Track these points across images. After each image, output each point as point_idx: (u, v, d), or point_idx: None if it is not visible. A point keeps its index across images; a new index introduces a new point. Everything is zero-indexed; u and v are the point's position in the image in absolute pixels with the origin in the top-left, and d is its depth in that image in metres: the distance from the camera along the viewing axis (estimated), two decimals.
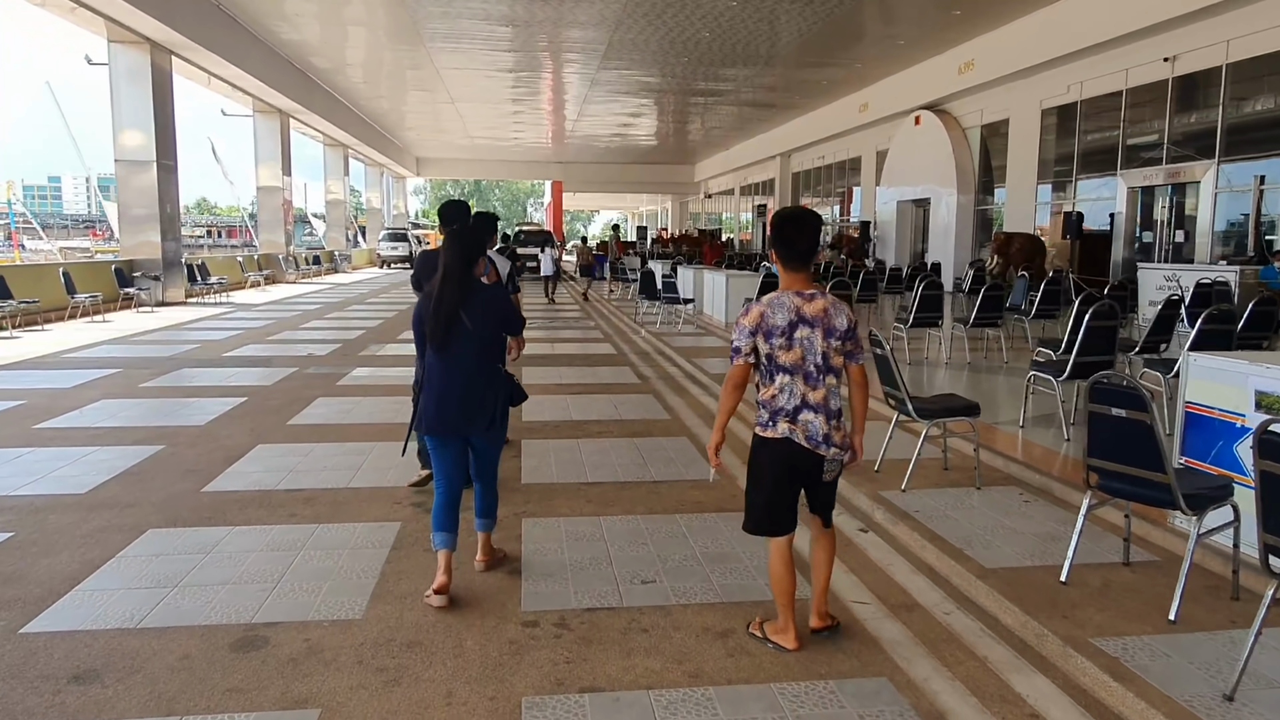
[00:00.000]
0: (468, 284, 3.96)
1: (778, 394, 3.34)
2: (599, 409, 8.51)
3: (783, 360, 3.32)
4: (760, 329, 3.34)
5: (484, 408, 3.99)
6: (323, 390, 9.31)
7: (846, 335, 3.38)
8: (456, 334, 3.91)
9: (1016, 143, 21.13)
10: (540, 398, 8.91)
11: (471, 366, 3.96)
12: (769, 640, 3.58)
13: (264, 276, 25.56)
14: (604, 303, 21.31)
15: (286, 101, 26.07)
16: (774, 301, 3.36)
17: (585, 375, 10.46)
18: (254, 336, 13.84)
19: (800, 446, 3.34)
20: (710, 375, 10.23)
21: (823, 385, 3.35)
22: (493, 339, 4.09)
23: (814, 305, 3.35)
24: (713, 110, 31.30)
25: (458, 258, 3.95)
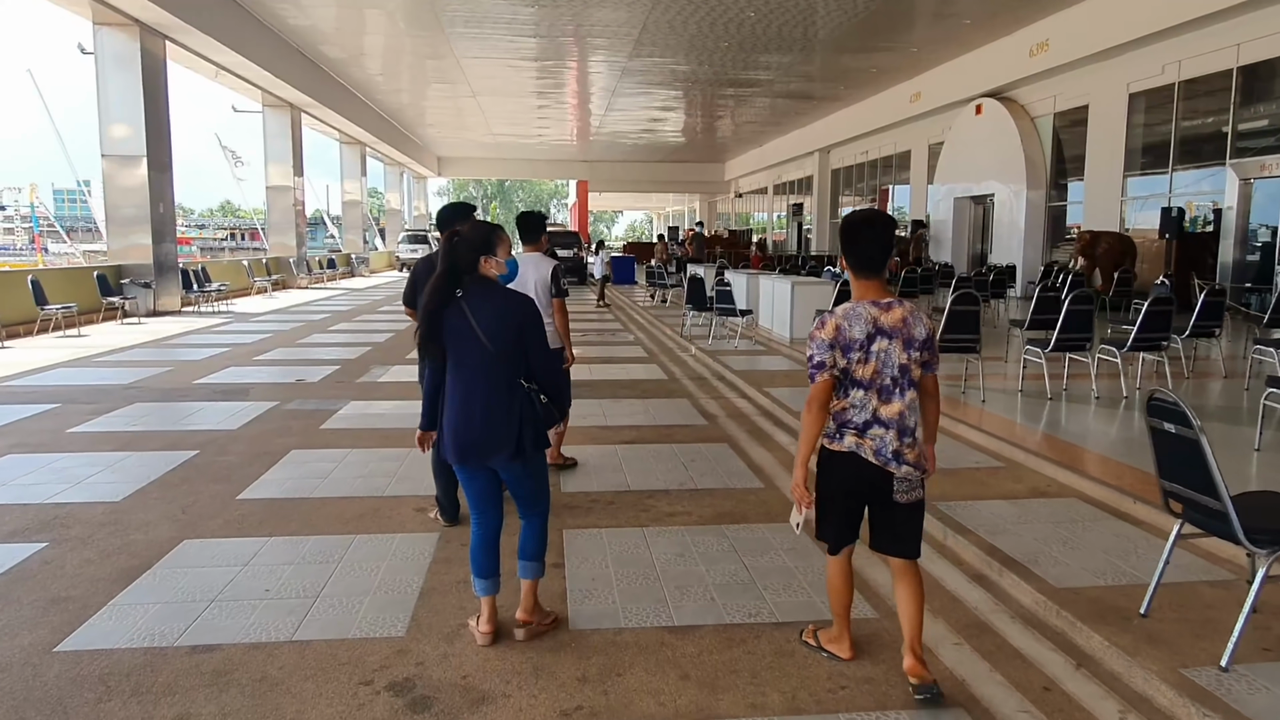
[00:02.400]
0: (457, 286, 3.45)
1: (849, 408, 3.13)
2: (663, 469, 6.23)
3: (858, 375, 3.10)
4: (838, 342, 3.08)
5: (505, 433, 3.42)
6: (300, 438, 7.08)
7: (925, 345, 3.13)
8: (466, 345, 3.40)
9: (1098, 131, 18.62)
10: (584, 448, 6.64)
11: (488, 384, 3.42)
12: (823, 649, 3.49)
13: (272, 282, 23.47)
14: (635, 308, 19.06)
15: (297, 94, 23.96)
16: (849, 313, 3.11)
17: (636, 412, 8.19)
18: (240, 356, 11.66)
19: (867, 462, 3.10)
20: (791, 411, 7.92)
21: (898, 399, 3.09)
22: (512, 351, 3.45)
23: (892, 315, 3.10)
24: (748, 103, 28.94)
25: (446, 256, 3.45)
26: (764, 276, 13.96)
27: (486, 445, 3.41)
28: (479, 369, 3.40)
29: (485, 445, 3.41)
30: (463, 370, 3.42)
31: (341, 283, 29.25)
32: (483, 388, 3.41)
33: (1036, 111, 20.82)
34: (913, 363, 3.10)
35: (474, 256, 3.46)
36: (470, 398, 3.41)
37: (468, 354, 3.39)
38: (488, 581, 3.58)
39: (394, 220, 43.68)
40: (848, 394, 3.13)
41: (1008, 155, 20.95)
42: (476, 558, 3.59)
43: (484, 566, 3.58)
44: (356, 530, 4.92)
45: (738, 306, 12.12)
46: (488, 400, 3.40)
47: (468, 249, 3.46)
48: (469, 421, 3.41)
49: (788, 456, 6.60)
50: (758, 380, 9.44)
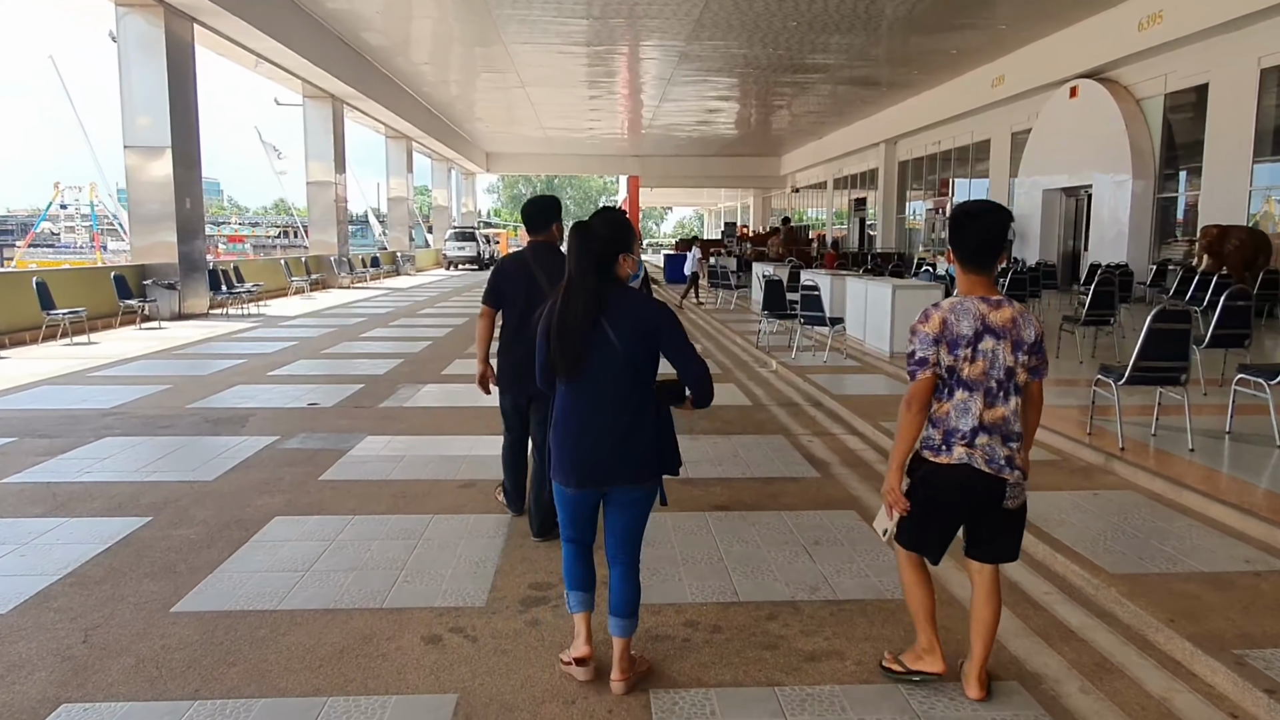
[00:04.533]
0: (605, 289, 2.92)
1: (952, 411, 2.90)
2: (782, 561, 4.31)
3: (965, 374, 2.87)
4: (944, 338, 2.87)
5: (639, 452, 2.98)
6: (289, 496, 5.32)
7: (1034, 349, 2.91)
8: (595, 357, 2.90)
9: (1220, 113, 16.21)
10: (662, 517, 4.76)
11: (622, 400, 2.94)
12: (912, 672, 3.11)
13: (311, 282, 21.98)
14: (694, 310, 17.14)
15: (339, 85, 22.44)
16: (957, 307, 2.89)
17: (722, 455, 6.30)
18: (253, 371, 10.01)
19: (981, 472, 2.88)
20: None
21: (1003, 404, 2.89)
22: (645, 360, 2.95)
23: (1001, 314, 2.89)
24: (810, 91, 26.74)
25: (586, 256, 2.91)
26: (852, 279, 11.93)
27: (616, 467, 3.01)
28: (610, 384, 2.95)
29: (614, 467, 3.00)
30: (592, 386, 2.96)
31: (385, 282, 27.76)
32: (615, 403, 2.96)
33: (1143, 93, 18.41)
34: (1020, 366, 2.90)
35: (615, 257, 2.97)
36: (599, 415, 2.97)
37: (601, 367, 2.93)
38: (586, 595, 3.22)
39: (441, 217, 42.24)
40: (951, 395, 2.91)
41: (1109, 142, 18.58)
42: (573, 570, 3.23)
43: (582, 579, 3.23)
44: (331, 684, 3.11)
45: (827, 314, 10.14)
46: (620, 417, 2.97)
47: (610, 249, 2.95)
48: (598, 441, 2.98)
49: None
50: (866, 409, 7.48)
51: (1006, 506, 2.96)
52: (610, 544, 3.15)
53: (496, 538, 4.63)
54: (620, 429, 2.96)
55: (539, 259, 4.44)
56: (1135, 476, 5.35)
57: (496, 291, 4.51)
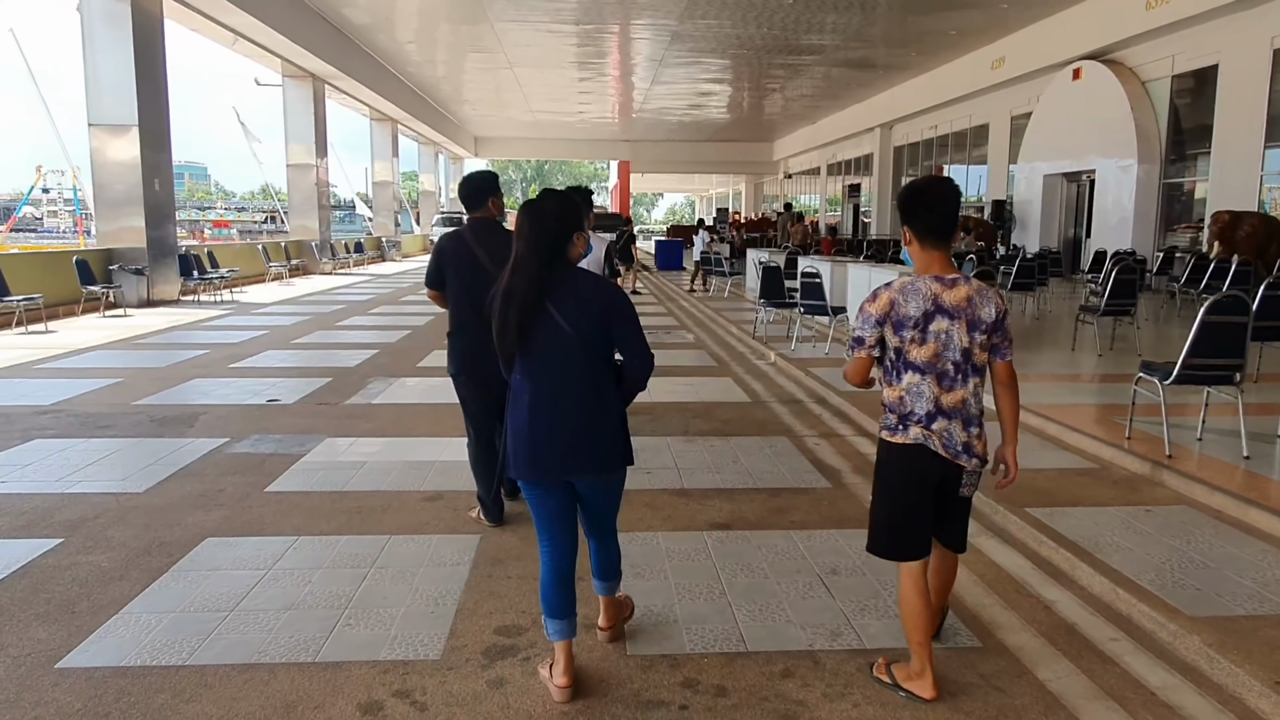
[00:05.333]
0: (552, 271, 2.76)
1: (904, 396, 2.76)
2: (795, 594, 3.63)
3: (913, 356, 2.73)
4: (889, 318, 2.73)
5: (599, 440, 2.81)
6: (227, 511, 4.61)
7: (994, 328, 2.75)
8: (546, 343, 2.75)
9: (1231, 96, 15.56)
10: (655, 536, 4.09)
11: (573, 382, 2.77)
12: (900, 687, 2.89)
13: (290, 267, 21.16)
14: (684, 297, 16.43)
15: (320, 64, 21.55)
16: (907, 287, 2.74)
17: (722, 461, 5.62)
18: (214, 363, 9.28)
19: (937, 456, 2.75)
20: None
21: (961, 387, 2.74)
22: (600, 343, 2.79)
23: (955, 293, 2.72)
24: (804, 74, 25.96)
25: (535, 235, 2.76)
26: (854, 266, 11.25)
27: (577, 457, 2.80)
28: (566, 370, 2.76)
29: (575, 458, 2.80)
30: (545, 372, 2.77)
31: (369, 268, 26.93)
32: (573, 391, 2.77)
33: (1148, 74, 17.75)
34: (976, 346, 2.73)
35: (569, 237, 2.80)
36: (555, 404, 2.77)
37: (553, 354, 2.74)
38: (565, 623, 2.90)
39: (429, 203, 41.33)
40: (901, 378, 2.76)
41: (1113, 126, 17.92)
42: (550, 596, 2.91)
43: (560, 604, 2.91)
44: None
45: (829, 303, 9.47)
46: (578, 405, 2.78)
47: (563, 226, 2.78)
48: (554, 431, 2.77)
49: (988, 566, 4.01)
50: (876, 408, 6.80)
51: (961, 494, 2.84)
52: (584, 523, 3.04)
53: (461, 565, 3.95)
54: (579, 418, 2.79)
55: (479, 237, 4.26)
56: (1190, 489, 4.70)
57: (438, 272, 4.31)
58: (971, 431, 2.77)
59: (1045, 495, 4.74)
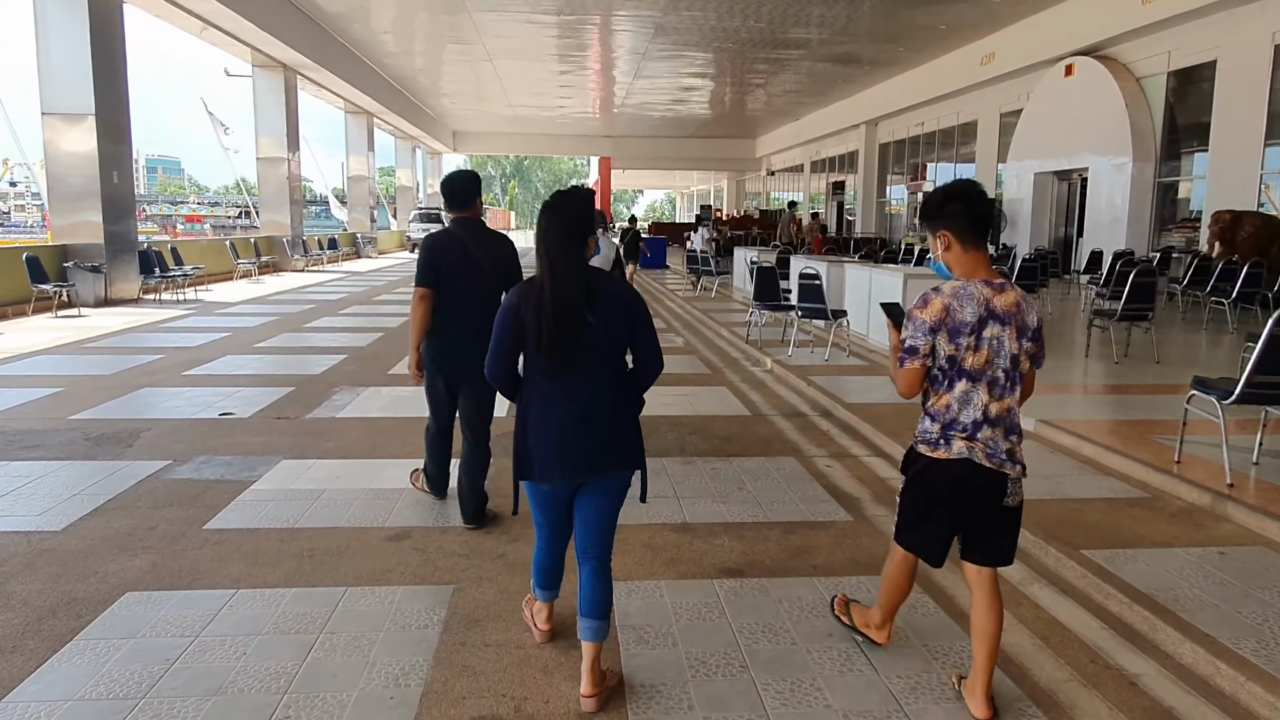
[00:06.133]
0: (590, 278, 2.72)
1: (954, 404, 2.66)
2: (828, 673, 3.00)
3: (969, 364, 2.62)
4: (944, 325, 2.60)
5: (621, 441, 2.79)
6: (156, 557, 3.91)
7: (1035, 335, 2.67)
8: (580, 342, 2.68)
9: (1229, 92, 15.12)
10: (658, 585, 3.45)
11: (602, 382, 2.74)
12: (856, 630, 3.15)
13: (260, 264, 20.31)
14: (670, 296, 15.79)
15: (291, 54, 20.68)
16: (960, 292, 2.62)
17: (727, 489, 4.98)
18: (168, 369, 8.54)
19: (982, 468, 2.64)
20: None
21: (1009, 395, 2.66)
22: (625, 344, 2.78)
23: (1005, 298, 2.63)
24: (789, 69, 25.36)
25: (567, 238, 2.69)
26: (853, 266, 10.64)
27: (599, 458, 2.77)
28: (595, 370, 2.74)
29: (598, 458, 2.76)
30: (576, 374, 2.72)
31: (344, 265, 26.07)
32: (602, 391, 2.75)
33: (1143, 71, 17.31)
34: (1024, 353, 2.66)
35: (585, 239, 2.75)
36: (587, 404, 2.73)
37: (583, 355, 2.71)
38: (552, 592, 3.13)
39: (405, 198, 40.41)
40: (951, 387, 2.66)
41: (1108, 123, 17.47)
42: (542, 572, 3.06)
43: (552, 578, 3.08)
44: None
45: (829, 306, 8.86)
46: (607, 404, 2.76)
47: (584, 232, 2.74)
48: (585, 431, 2.73)
49: (1050, 626, 3.40)
50: (888, 423, 6.21)
51: (1006, 504, 2.72)
52: (581, 538, 2.89)
53: (429, 627, 3.30)
54: (607, 416, 2.76)
55: (471, 236, 4.19)
56: (1262, 525, 4.13)
57: (434, 271, 4.17)
58: (1013, 439, 2.69)
59: (1100, 532, 4.15)
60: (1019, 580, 3.78)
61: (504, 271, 4.18)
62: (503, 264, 4.20)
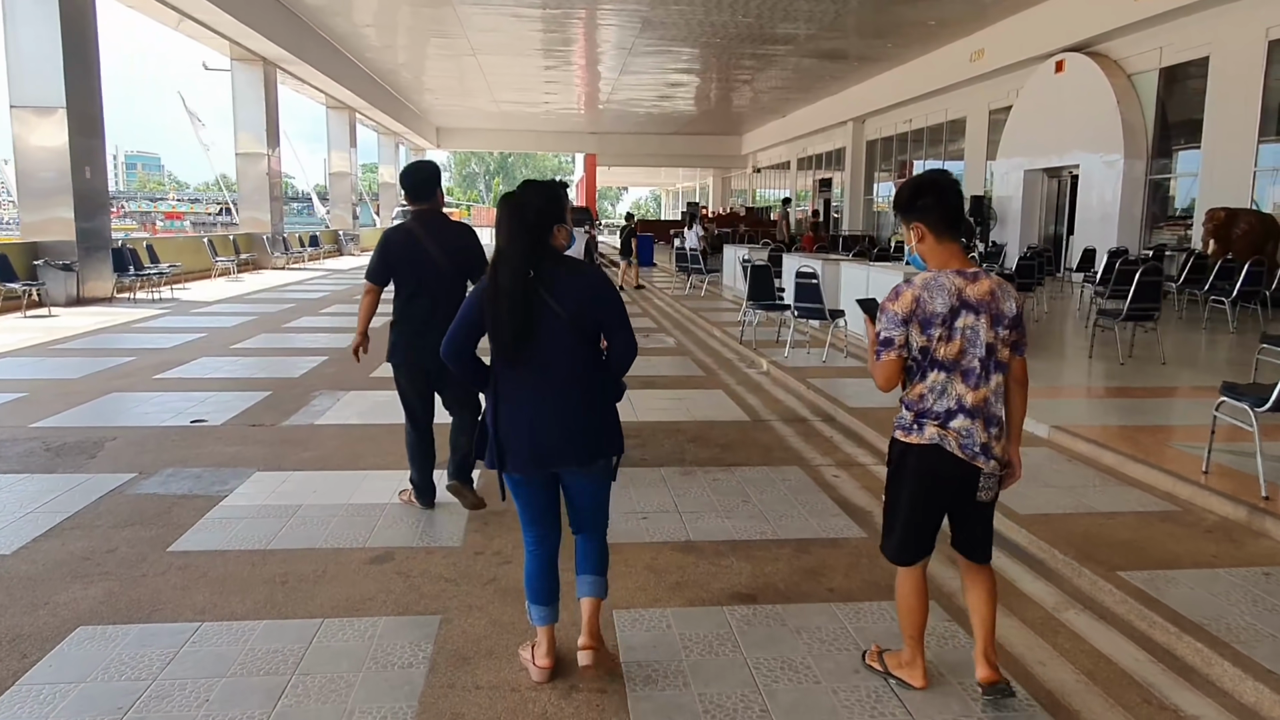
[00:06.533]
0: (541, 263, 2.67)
1: (926, 393, 2.65)
2: (860, 715, 2.74)
3: (940, 355, 2.61)
4: (915, 316, 2.61)
5: (594, 430, 2.76)
6: (113, 585, 3.54)
7: (1014, 323, 2.66)
8: (542, 330, 2.66)
9: (1222, 89, 14.97)
10: (664, 614, 3.14)
11: (570, 370, 2.72)
12: (890, 675, 2.91)
13: (240, 262, 19.84)
14: (659, 295, 15.49)
15: (271, 47, 20.21)
16: (930, 283, 2.62)
17: (731, 503, 4.68)
18: (139, 372, 8.15)
19: (952, 456, 2.63)
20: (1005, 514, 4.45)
21: (984, 385, 2.62)
22: (591, 328, 2.74)
23: (978, 287, 2.61)
24: (776, 65, 25.08)
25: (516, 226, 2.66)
26: (848, 264, 10.37)
27: (570, 448, 2.74)
28: (561, 357, 2.70)
29: (569, 448, 2.74)
30: (542, 362, 2.69)
31: (326, 262, 25.60)
32: (570, 379, 2.73)
33: (1134, 67, 17.14)
34: (1000, 342, 2.63)
35: (549, 227, 2.73)
36: (549, 394, 2.71)
37: (548, 342, 2.68)
38: (549, 609, 2.91)
39: (389, 195, 39.88)
40: (925, 376, 2.65)
41: (1099, 120, 17.30)
42: (535, 583, 2.91)
43: (546, 591, 2.90)
44: None
45: (826, 306, 8.59)
46: (571, 394, 2.73)
47: (543, 218, 2.71)
48: (553, 421, 2.71)
49: (1095, 659, 3.12)
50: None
51: (979, 498, 2.71)
52: (574, 518, 2.92)
53: (414, 666, 2.98)
54: (576, 405, 2.74)
55: (429, 229, 4.13)
56: None
57: (385, 267, 4.17)
58: (992, 432, 2.65)
59: (1133, 551, 3.87)
60: (1054, 605, 3.50)
61: (465, 263, 4.14)
62: (463, 255, 4.15)
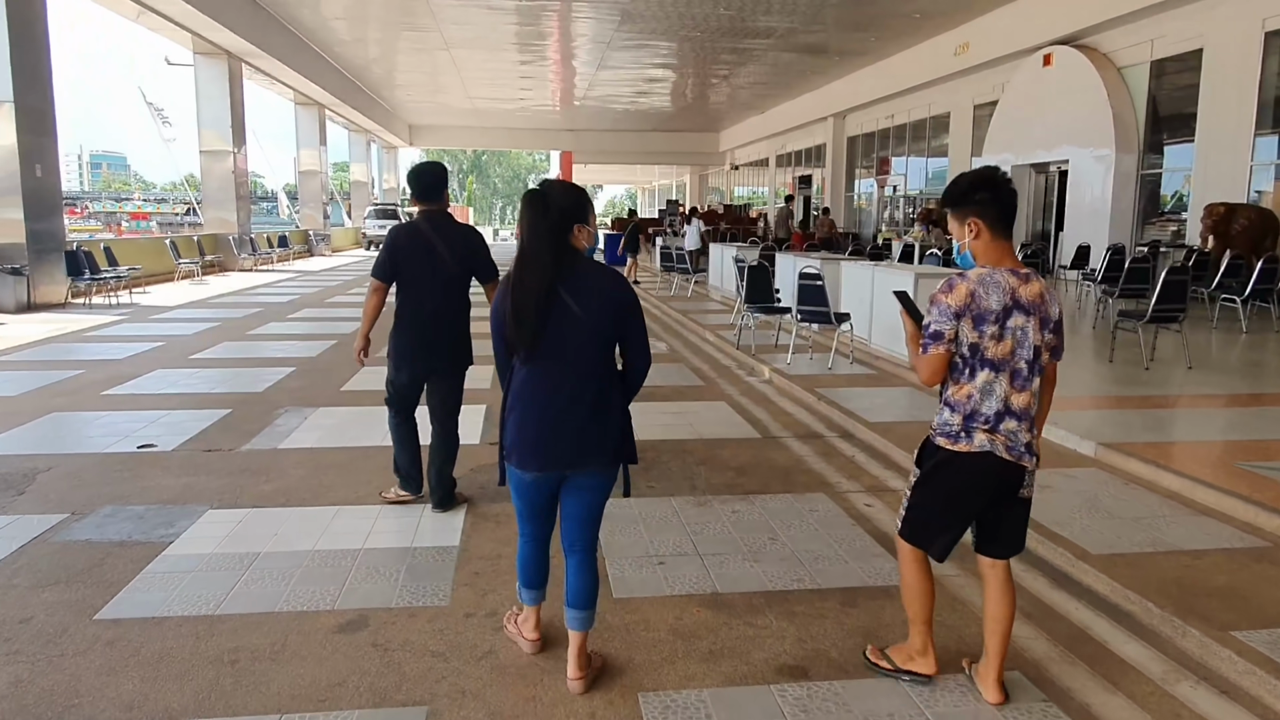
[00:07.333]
0: (563, 261, 2.62)
1: (975, 394, 2.59)
2: None
3: (991, 354, 2.56)
4: (969, 311, 2.54)
5: (605, 431, 2.71)
6: (27, 659, 2.85)
7: (1057, 328, 2.64)
8: (559, 330, 2.62)
9: (1216, 82, 14.60)
10: (707, 703, 2.54)
11: (587, 373, 2.68)
12: (900, 670, 2.84)
13: (204, 264, 18.95)
14: (645, 298, 14.89)
15: (235, 40, 19.31)
16: (986, 279, 2.56)
17: (754, 534, 4.07)
18: (85, 387, 7.39)
19: (1001, 459, 2.60)
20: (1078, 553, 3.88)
21: (1029, 387, 2.61)
22: (611, 334, 2.70)
23: (1030, 288, 2.58)
24: (756, 60, 24.52)
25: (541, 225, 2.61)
26: (852, 265, 9.78)
27: (583, 450, 2.71)
28: (579, 359, 2.66)
29: (581, 449, 2.70)
30: (559, 362, 2.66)
31: (296, 264, 24.69)
32: (586, 381, 2.68)
33: (1125, 60, 16.76)
34: (1045, 346, 2.60)
35: (570, 226, 2.66)
36: (569, 393, 2.67)
37: (568, 343, 2.64)
38: (539, 591, 3.02)
39: (361, 194, 38.90)
40: (973, 376, 2.59)
41: (1089, 114, 16.90)
42: (528, 569, 2.97)
43: (537, 578, 2.99)
44: None
45: (832, 310, 8.00)
46: (591, 395, 2.68)
47: (565, 218, 2.64)
48: (568, 421, 2.67)
49: None
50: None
51: (1021, 495, 2.68)
52: (567, 530, 2.86)
53: None
54: (588, 407, 2.68)
55: (438, 229, 4.11)
56: None
57: (393, 265, 4.14)
58: (1032, 432, 2.64)
59: (1238, 602, 3.31)
60: (1161, 675, 2.92)
61: (471, 265, 4.14)
62: (470, 257, 4.14)
